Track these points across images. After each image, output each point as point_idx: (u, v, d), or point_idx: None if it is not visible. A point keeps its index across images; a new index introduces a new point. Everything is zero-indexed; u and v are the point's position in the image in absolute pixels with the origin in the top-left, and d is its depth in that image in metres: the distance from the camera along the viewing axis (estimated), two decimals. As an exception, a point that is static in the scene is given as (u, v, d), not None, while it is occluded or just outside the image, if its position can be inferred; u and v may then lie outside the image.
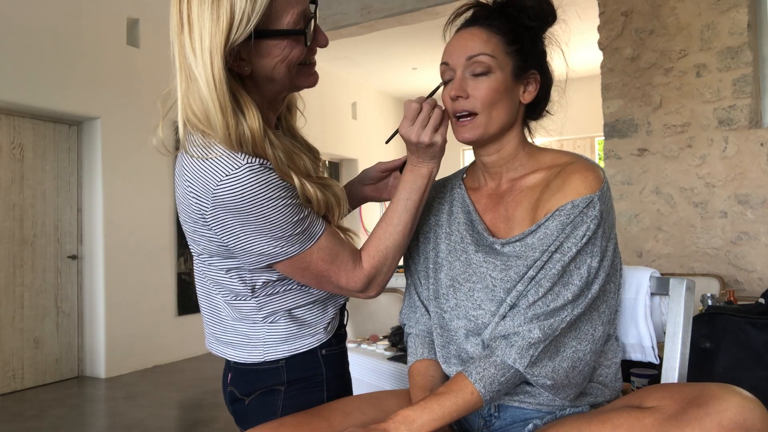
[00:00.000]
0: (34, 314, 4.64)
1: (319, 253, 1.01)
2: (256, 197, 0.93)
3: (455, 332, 1.10)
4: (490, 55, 1.04)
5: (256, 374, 1.11)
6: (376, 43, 6.87)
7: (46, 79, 4.53)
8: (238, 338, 1.12)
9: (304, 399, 1.10)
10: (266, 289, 1.07)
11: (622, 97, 4.00)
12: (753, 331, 1.64)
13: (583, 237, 0.99)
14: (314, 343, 1.11)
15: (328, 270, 1.03)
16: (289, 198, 0.97)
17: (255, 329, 1.10)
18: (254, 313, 1.09)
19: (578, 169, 1.03)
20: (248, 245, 0.98)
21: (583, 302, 0.99)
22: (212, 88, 0.92)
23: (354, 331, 2.70)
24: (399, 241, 1.08)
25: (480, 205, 1.15)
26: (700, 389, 0.86)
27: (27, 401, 4.29)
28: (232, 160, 0.94)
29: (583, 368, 1.01)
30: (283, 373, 1.10)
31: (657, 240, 3.90)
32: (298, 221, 0.98)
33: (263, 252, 0.98)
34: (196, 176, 0.96)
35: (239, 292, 1.07)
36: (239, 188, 0.93)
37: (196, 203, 0.98)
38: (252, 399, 1.12)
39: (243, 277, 1.05)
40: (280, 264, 1.01)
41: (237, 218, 0.95)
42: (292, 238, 0.98)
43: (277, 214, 0.95)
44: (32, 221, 4.66)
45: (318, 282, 1.05)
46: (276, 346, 1.10)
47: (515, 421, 1.06)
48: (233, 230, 0.97)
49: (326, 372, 1.13)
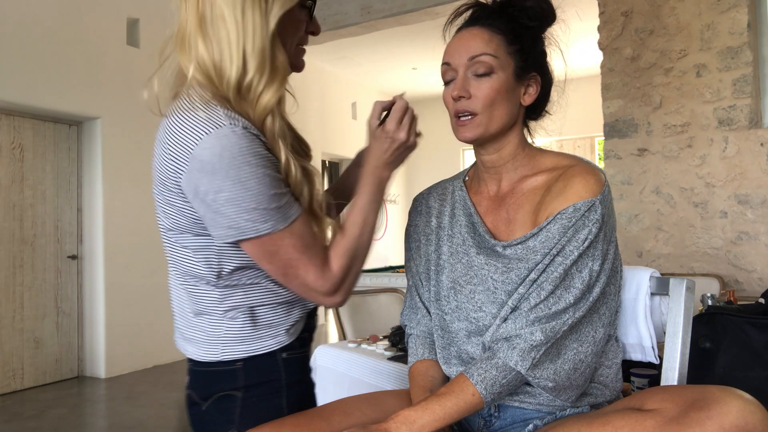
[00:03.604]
0: (34, 314, 4.64)
1: (291, 239, 0.95)
2: (235, 159, 0.89)
3: (456, 334, 1.10)
4: (493, 55, 1.04)
5: (213, 376, 1.06)
6: (376, 43, 6.87)
7: (46, 79, 4.53)
8: (198, 334, 1.06)
9: (262, 407, 1.05)
10: (232, 278, 1.01)
11: (622, 97, 4.00)
12: (753, 331, 1.64)
13: (584, 240, 0.99)
14: (274, 345, 1.06)
15: (298, 260, 0.97)
16: (269, 169, 0.92)
17: (214, 325, 1.04)
18: (215, 306, 1.03)
19: (580, 172, 1.04)
20: (218, 214, 0.92)
21: (584, 305, 1.00)
22: (244, 30, 0.91)
23: (354, 331, 2.70)
24: (366, 243, 1.04)
25: (481, 208, 1.15)
26: (702, 392, 0.86)
27: (27, 401, 4.29)
28: (215, 119, 0.90)
29: (584, 370, 1.02)
30: (240, 377, 1.05)
31: (657, 240, 3.90)
32: (274, 195, 0.93)
33: (233, 224, 0.92)
34: (175, 136, 0.92)
35: (203, 277, 1.02)
36: (218, 148, 0.88)
37: (172, 165, 0.93)
38: (209, 404, 1.07)
39: (210, 260, 1.00)
40: (249, 243, 0.95)
41: (211, 182, 0.90)
42: (266, 213, 0.92)
43: (254, 181, 0.90)
44: (32, 221, 4.66)
45: (285, 273, 0.99)
46: (233, 345, 1.04)
47: (515, 421, 1.06)
48: (206, 195, 0.91)
49: (286, 377, 1.07)
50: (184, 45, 0.97)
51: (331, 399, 1.12)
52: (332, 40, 6.00)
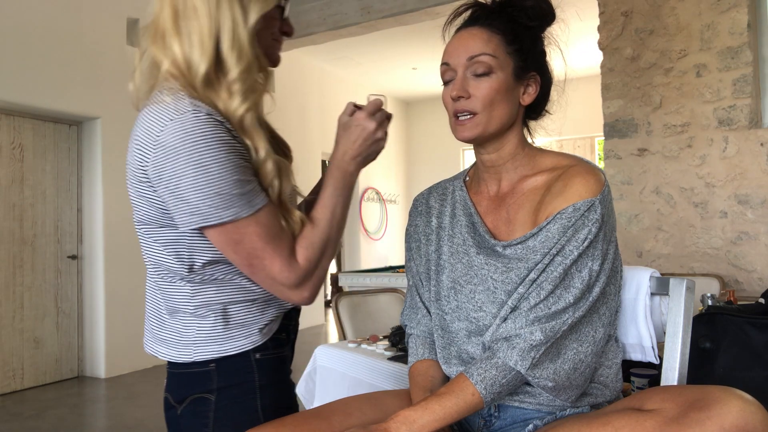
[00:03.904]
0: (34, 314, 4.64)
1: (256, 227, 0.95)
2: (197, 144, 0.89)
3: (456, 333, 1.10)
4: (492, 55, 1.04)
5: (187, 378, 1.05)
6: (376, 43, 6.87)
7: (46, 79, 4.53)
8: (171, 335, 1.05)
9: (236, 410, 1.03)
10: (204, 273, 1.00)
11: (622, 97, 4.01)
12: (753, 331, 1.64)
13: (584, 240, 0.99)
14: (247, 345, 1.04)
15: (263, 250, 0.96)
16: (233, 155, 0.92)
17: (186, 324, 1.03)
18: (185, 303, 1.02)
19: (579, 172, 1.04)
20: (182, 200, 0.92)
21: (584, 305, 1.00)
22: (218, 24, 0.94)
23: (354, 331, 2.70)
24: (332, 236, 1.03)
25: (481, 208, 1.15)
26: (702, 392, 0.86)
27: (27, 401, 4.29)
28: (180, 106, 0.91)
29: (584, 370, 1.02)
30: (212, 378, 1.03)
31: (657, 240, 3.90)
32: (238, 181, 0.92)
33: (195, 210, 0.92)
34: (142, 126, 0.94)
35: (175, 272, 1.01)
36: (180, 132, 0.89)
37: (139, 156, 0.94)
38: (183, 408, 1.05)
39: (180, 253, 0.99)
40: (213, 230, 0.95)
41: (174, 166, 0.90)
42: (229, 199, 0.92)
43: (216, 166, 0.90)
44: (32, 221, 4.66)
45: (250, 264, 0.97)
46: (206, 345, 1.03)
47: (515, 421, 1.06)
48: (170, 181, 0.91)
49: (259, 378, 1.05)
50: (158, 38, 0.98)
51: (331, 399, 1.12)
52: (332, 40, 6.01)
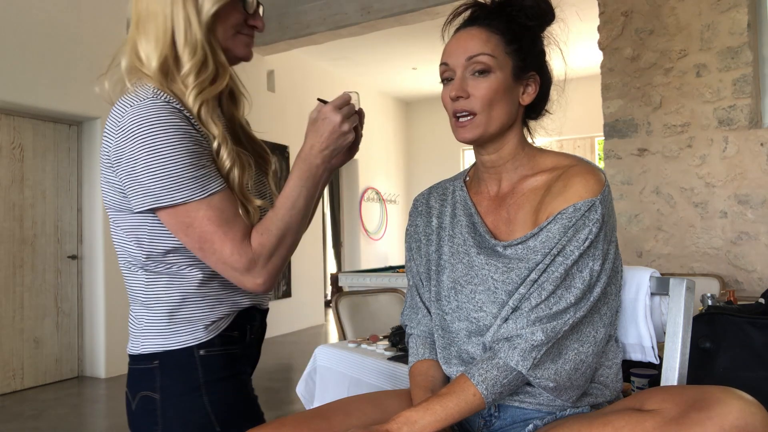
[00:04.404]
0: (34, 314, 4.64)
1: (208, 211, 0.97)
2: (152, 127, 0.95)
3: (456, 334, 1.10)
4: (490, 55, 1.04)
5: (137, 374, 1.07)
6: (376, 43, 6.87)
7: (46, 79, 4.53)
8: (132, 326, 1.10)
9: (183, 408, 1.04)
10: (162, 262, 1.04)
11: (622, 97, 4.01)
12: (753, 331, 1.64)
13: (585, 240, 0.99)
14: (189, 341, 1.05)
15: (214, 233, 0.98)
16: (186, 140, 0.96)
17: (138, 314, 1.08)
18: (140, 292, 1.06)
19: (580, 172, 1.04)
20: (136, 181, 0.97)
21: (585, 305, 1.00)
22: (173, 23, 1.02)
23: (354, 331, 2.70)
24: (291, 225, 1.04)
25: (482, 208, 1.15)
26: (702, 392, 0.86)
27: (27, 401, 4.29)
28: (141, 93, 0.98)
29: (585, 370, 1.02)
30: (156, 376, 1.05)
31: (657, 240, 3.90)
32: (191, 165, 0.96)
33: (148, 191, 0.96)
34: (110, 115, 1.00)
35: (135, 258, 1.05)
36: (137, 116, 0.95)
37: (105, 142, 1.01)
38: (136, 404, 1.07)
39: (141, 240, 1.03)
40: (164, 212, 0.98)
41: (131, 148, 0.95)
42: (180, 182, 0.95)
43: (169, 149, 0.95)
44: (32, 221, 4.66)
45: (201, 248, 0.99)
46: (151, 338, 1.05)
47: (515, 421, 1.06)
48: (126, 163, 0.97)
49: (203, 375, 1.05)
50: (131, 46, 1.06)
51: (331, 399, 1.12)
52: (332, 40, 6.01)
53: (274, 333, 6.62)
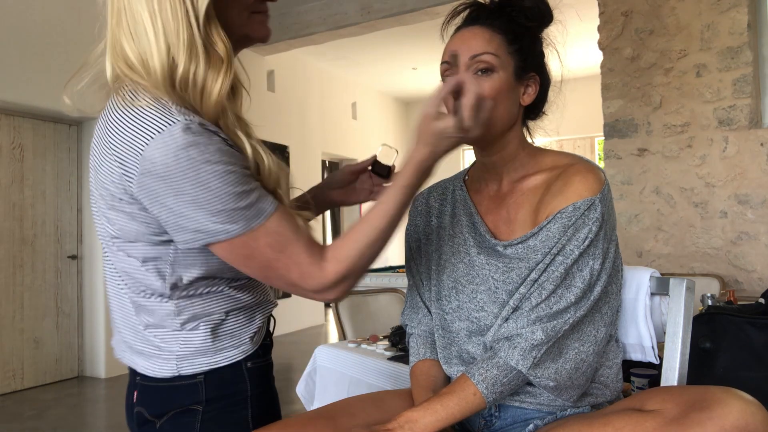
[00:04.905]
0: (34, 314, 4.64)
1: (266, 238, 0.86)
2: (193, 159, 0.80)
3: (457, 333, 1.10)
4: (494, 54, 1.04)
5: (169, 392, 0.96)
6: (376, 43, 6.87)
7: (46, 79, 4.53)
8: (150, 348, 0.96)
9: (226, 419, 0.97)
10: (189, 289, 0.93)
11: (622, 97, 4.01)
12: (753, 331, 1.64)
13: (585, 239, 0.99)
14: (238, 355, 0.98)
15: (277, 261, 0.87)
16: (232, 165, 0.83)
17: (170, 338, 0.95)
18: (171, 319, 0.94)
19: (579, 170, 1.04)
20: (183, 219, 0.84)
21: (585, 304, 1.00)
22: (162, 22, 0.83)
23: (354, 331, 2.70)
24: (376, 243, 0.92)
25: (482, 207, 1.15)
26: (703, 393, 0.86)
27: (27, 401, 4.29)
28: (166, 116, 0.81)
29: (585, 369, 1.02)
30: (201, 390, 0.96)
31: (657, 240, 3.90)
32: (242, 193, 0.84)
33: (200, 228, 0.84)
34: (120, 136, 0.83)
35: (155, 290, 0.92)
36: (172, 148, 0.80)
37: (118, 169, 0.84)
38: (164, 421, 0.96)
39: (162, 270, 0.90)
40: (219, 246, 0.86)
41: (170, 185, 0.81)
42: (235, 213, 0.83)
43: (216, 181, 0.81)
44: (32, 221, 4.66)
45: (265, 276, 0.90)
46: (194, 359, 0.95)
47: (516, 421, 1.06)
48: (165, 201, 0.83)
49: (251, 388, 0.99)
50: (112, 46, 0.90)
51: (331, 399, 1.11)
52: (332, 40, 6.01)
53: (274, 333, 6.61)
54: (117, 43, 0.88)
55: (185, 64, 0.85)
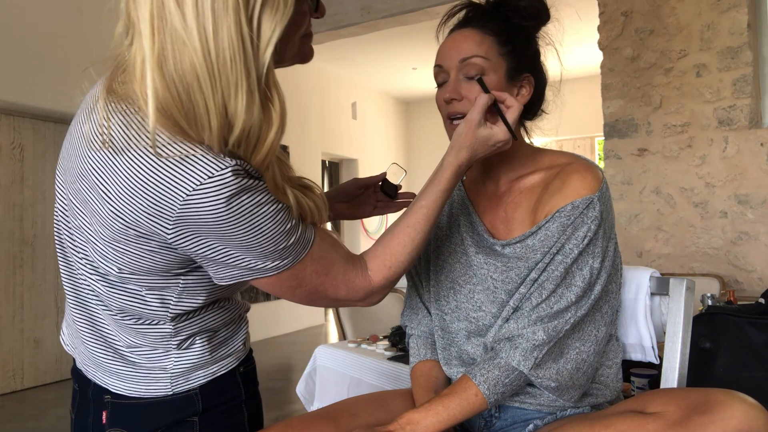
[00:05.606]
0: (34, 314, 4.64)
1: (312, 265, 0.85)
2: (244, 207, 0.75)
3: (456, 334, 1.10)
4: (484, 57, 1.03)
5: (156, 407, 0.91)
6: (376, 43, 6.87)
7: (46, 79, 4.53)
8: (128, 369, 0.91)
9: (223, 425, 0.95)
10: (189, 312, 0.91)
11: (622, 97, 4.01)
12: (753, 331, 1.64)
13: (584, 238, 0.99)
14: (234, 362, 0.97)
15: (325, 284, 0.87)
16: (278, 202, 0.80)
17: (161, 357, 0.91)
18: (165, 341, 0.90)
19: (577, 169, 1.03)
20: (229, 259, 0.80)
21: (586, 303, 1.00)
22: (218, 59, 0.70)
23: (354, 331, 2.70)
24: (420, 246, 0.94)
25: (479, 207, 1.15)
26: (705, 395, 0.86)
27: (27, 401, 4.28)
28: (213, 159, 0.73)
29: (586, 369, 1.01)
30: (197, 402, 0.93)
31: (657, 240, 3.90)
32: (291, 229, 0.81)
33: (250, 266, 0.81)
34: (151, 184, 0.74)
35: (154, 317, 0.88)
36: (223, 196, 0.73)
37: (148, 210, 0.75)
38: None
39: (166, 300, 0.87)
40: (266, 281, 0.84)
41: (217, 230, 0.76)
42: (286, 251, 0.81)
43: (269, 223, 0.78)
44: (32, 221, 4.66)
45: (311, 299, 0.89)
46: (189, 374, 0.92)
47: (516, 421, 1.06)
48: (209, 243, 0.78)
49: (245, 392, 0.99)
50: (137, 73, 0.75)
51: (331, 399, 1.11)
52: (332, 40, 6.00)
53: (274, 333, 6.62)
54: (149, 81, 0.72)
55: (243, 126, 0.74)
